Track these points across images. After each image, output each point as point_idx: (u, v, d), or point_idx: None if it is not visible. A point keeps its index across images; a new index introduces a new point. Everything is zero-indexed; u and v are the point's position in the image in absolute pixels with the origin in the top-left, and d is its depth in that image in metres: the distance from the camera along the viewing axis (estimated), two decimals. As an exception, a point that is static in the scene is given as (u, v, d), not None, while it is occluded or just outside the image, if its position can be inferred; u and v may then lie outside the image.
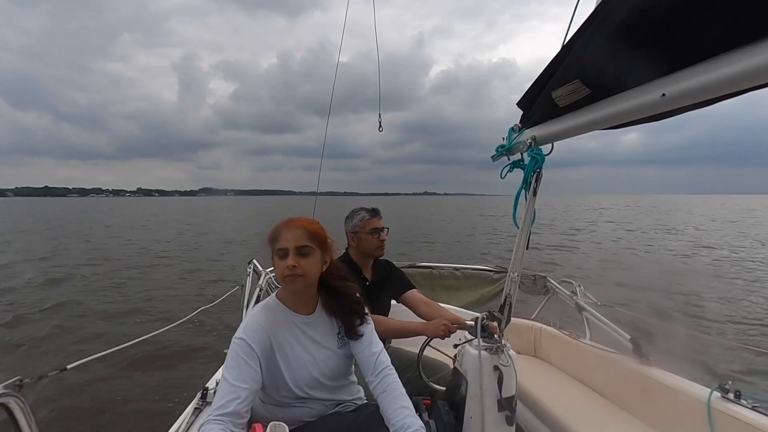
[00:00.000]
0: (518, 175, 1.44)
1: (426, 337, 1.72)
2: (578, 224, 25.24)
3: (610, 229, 22.10)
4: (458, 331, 1.65)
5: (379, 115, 2.95)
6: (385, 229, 1.95)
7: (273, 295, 1.32)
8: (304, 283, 1.19)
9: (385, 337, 1.84)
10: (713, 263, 11.24)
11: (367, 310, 1.36)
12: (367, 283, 1.93)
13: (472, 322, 1.63)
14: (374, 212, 1.95)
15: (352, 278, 1.38)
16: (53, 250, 13.94)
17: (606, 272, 9.87)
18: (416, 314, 1.92)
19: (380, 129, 3.08)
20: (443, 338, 1.64)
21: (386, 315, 2.01)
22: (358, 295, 1.34)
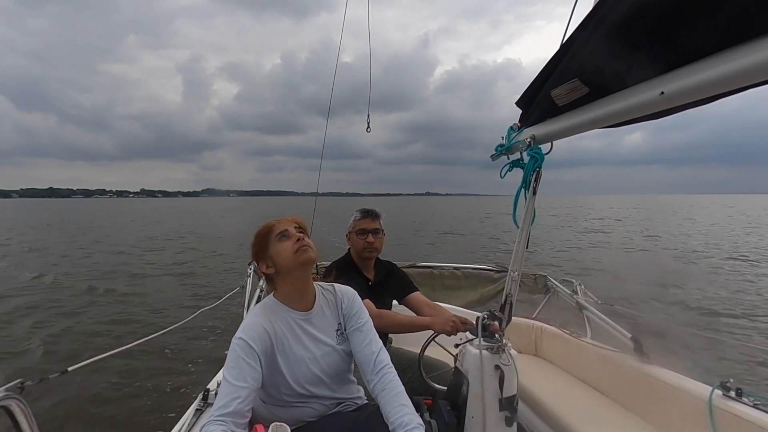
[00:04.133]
0: (519, 174, 1.44)
1: (431, 333, 1.70)
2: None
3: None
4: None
5: (368, 115, 3.07)
6: (380, 232, 1.93)
7: (271, 294, 1.32)
8: (314, 254, 1.24)
9: (393, 331, 1.83)
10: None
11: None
12: (370, 283, 1.93)
13: None
14: (366, 213, 1.93)
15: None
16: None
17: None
18: (419, 316, 1.92)
19: (368, 130, 3.20)
20: (449, 335, 1.61)
21: None
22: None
